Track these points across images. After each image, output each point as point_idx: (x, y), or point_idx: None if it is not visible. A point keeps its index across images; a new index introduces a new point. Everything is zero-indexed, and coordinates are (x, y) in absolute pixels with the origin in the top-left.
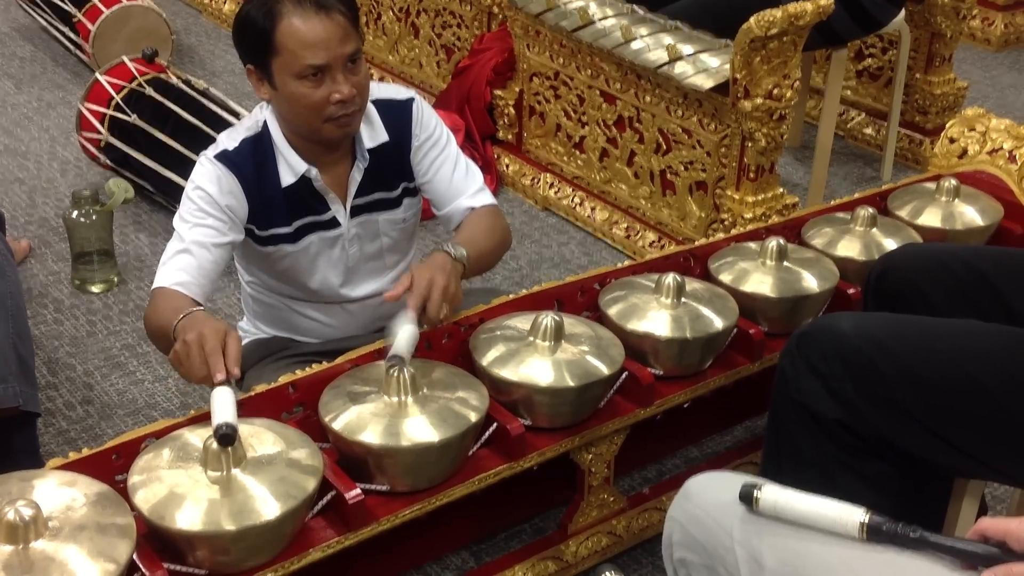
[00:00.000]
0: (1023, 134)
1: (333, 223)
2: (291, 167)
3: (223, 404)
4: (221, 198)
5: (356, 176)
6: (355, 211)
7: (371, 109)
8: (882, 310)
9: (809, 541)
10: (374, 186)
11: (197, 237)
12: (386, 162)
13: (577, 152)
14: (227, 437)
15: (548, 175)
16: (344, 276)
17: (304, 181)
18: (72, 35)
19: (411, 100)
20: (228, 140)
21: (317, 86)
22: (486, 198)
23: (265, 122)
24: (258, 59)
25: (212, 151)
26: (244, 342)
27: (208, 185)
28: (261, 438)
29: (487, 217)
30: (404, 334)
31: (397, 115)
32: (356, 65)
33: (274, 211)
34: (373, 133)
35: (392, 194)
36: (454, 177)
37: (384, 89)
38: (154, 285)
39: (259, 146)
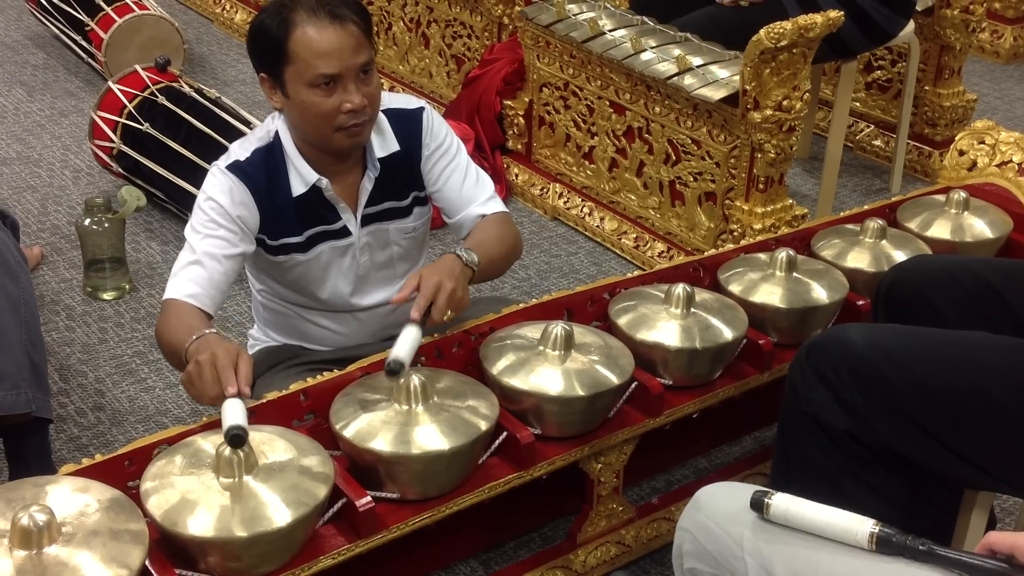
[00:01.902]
0: None
1: (344, 232)
2: (302, 177)
3: (233, 410)
4: (233, 209)
5: (367, 185)
6: (366, 220)
7: (382, 119)
8: (892, 321)
9: (819, 551)
10: (384, 195)
11: (208, 248)
12: (396, 171)
13: (586, 162)
14: (238, 438)
15: (557, 185)
16: (355, 285)
17: (315, 191)
18: (85, 44)
19: (421, 109)
20: (240, 150)
21: (329, 95)
22: (497, 206)
23: (277, 132)
24: (271, 67)
25: (223, 161)
26: (255, 350)
27: (220, 196)
28: (272, 445)
29: (498, 224)
30: (405, 338)
31: (407, 124)
32: (368, 75)
33: (285, 221)
34: (384, 142)
35: (402, 203)
36: (464, 185)
37: (394, 99)
38: (165, 296)
39: (271, 156)
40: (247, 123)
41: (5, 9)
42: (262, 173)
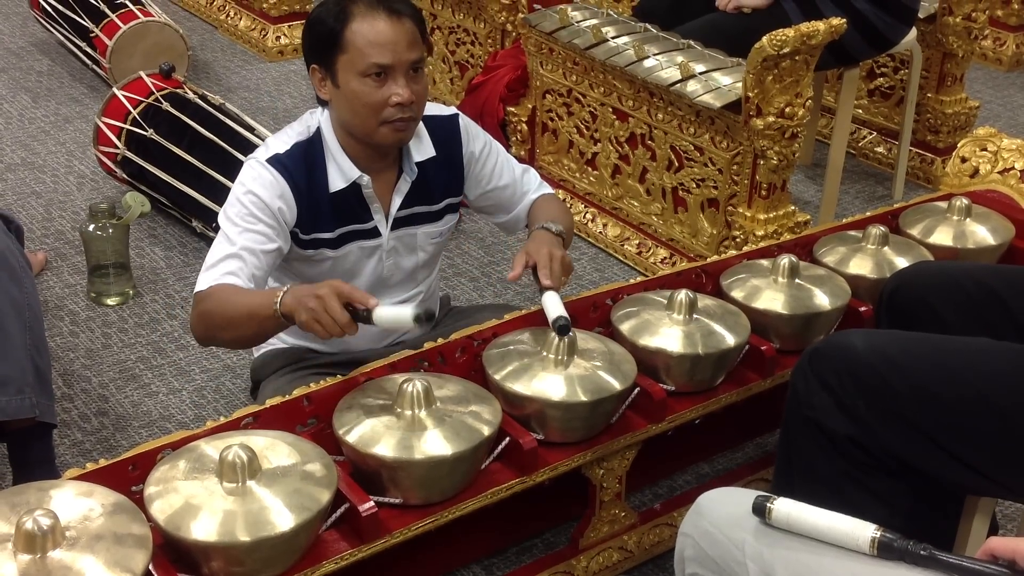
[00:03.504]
0: None
1: (374, 233)
2: (343, 172)
3: (392, 310)
4: (273, 202)
5: (403, 187)
6: (396, 224)
7: (419, 124)
8: (894, 328)
9: (820, 555)
10: (417, 199)
11: (247, 243)
12: (432, 177)
13: (589, 169)
14: (431, 315)
15: (560, 191)
16: (373, 287)
17: (353, 188)
18: (89, 50)
19: (456, 115)
20: (279, 143)
21: (379, 86)
22: (547, 188)
23: (319, 127)
24: (324, 57)
25: (263, 154)
26: (262, 352)
27: (260, 189)
28: (276, 450)
29: (556, 200)
30: (553, 301)
31: (444, 131)
32: (418, 74)
33: (320, 216)
34: (421, 147)
35: (434, 208)
36: (515, 179)
37: (428, 107)
38: (206, 285)
39: (311, 150)
40: (251, 129)
41: (10, 16)
42: (302, 167)
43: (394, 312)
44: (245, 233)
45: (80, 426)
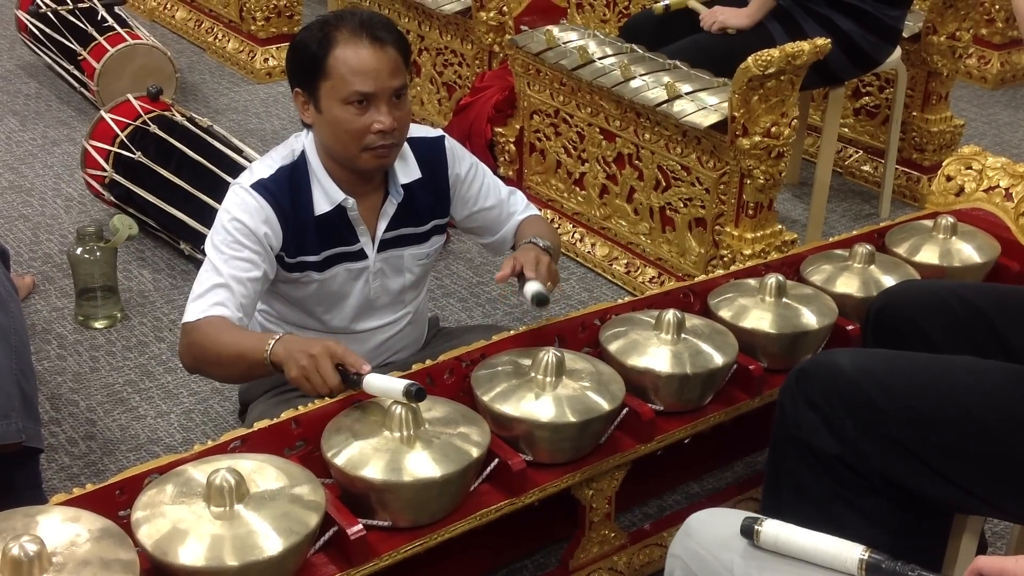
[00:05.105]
0: (1019, 172)
1: (360, 255)
2: (328, 195)
3: (384, 379)
4: (258, 228)
5: (388, 210)
6: (382, 246)
7: (405, 147)
8: (881, 346)
9: None
10: (403, 221)
11: (234, 272)
12: (418, 198)
13: (577, 188)
14: (421, 391)
15: (548, 211)
16: (361, 309)
17: (339, 210)
18: (77, 73)
19: (442, 137)
20: (263, 168)
21: (361, 113)
22: (533, 209)
23: (303, 151)
24: (307, 82)
25: (247, 180)
26: None
27: (244, 215)
28: (264, 474)
29: (542, 221)
30: (532, 283)
31: (430, 153)
32: (401, 101)
33: (306, 239)
34: (407, 169)
35: (420, 229)
36: (501, 199)
37: (414, 129)
38: (195, 316)
39: (295, 174)
40: (239, 151)
41: None
42: (287, 191)
43: (385, 383)
44: (232, 261)
45: (68, 450)
